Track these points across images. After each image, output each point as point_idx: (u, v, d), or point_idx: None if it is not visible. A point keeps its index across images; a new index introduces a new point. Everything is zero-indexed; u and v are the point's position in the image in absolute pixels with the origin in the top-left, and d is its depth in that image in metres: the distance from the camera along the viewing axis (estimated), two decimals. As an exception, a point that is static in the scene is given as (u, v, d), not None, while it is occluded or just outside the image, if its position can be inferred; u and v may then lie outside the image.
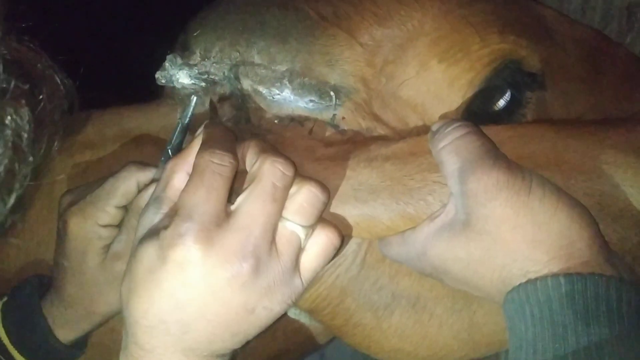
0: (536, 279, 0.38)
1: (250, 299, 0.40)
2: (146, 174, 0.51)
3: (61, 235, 0.53)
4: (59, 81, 0.40)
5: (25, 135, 0.35)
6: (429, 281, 0.48)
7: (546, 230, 0.39)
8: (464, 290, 0.45)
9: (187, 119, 0.49)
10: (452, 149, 0.42)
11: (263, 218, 0.40)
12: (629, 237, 0.45)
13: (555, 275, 0.37)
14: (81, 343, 0.57)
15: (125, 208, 0.53)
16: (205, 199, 0.40)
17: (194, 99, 0.49)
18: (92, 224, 0.51)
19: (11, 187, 0.35)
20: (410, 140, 0.46)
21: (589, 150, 0.44)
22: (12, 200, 0.35)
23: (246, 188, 0.41)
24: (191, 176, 0.41)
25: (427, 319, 0.50)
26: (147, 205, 0.43)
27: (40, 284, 0.57)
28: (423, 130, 0.47)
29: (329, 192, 0.43)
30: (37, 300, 0.54)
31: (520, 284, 0.39)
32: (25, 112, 0.35)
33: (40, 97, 0.37)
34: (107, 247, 0.52)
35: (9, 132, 0.33)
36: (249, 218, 0.40)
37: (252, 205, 0.40)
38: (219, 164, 0.40)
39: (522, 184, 0.39)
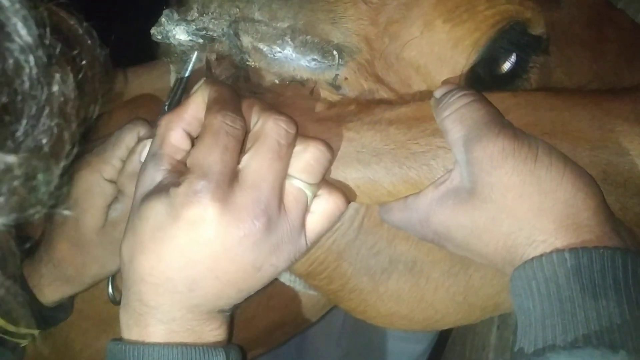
0: (541, 255, 0.37)
1: (260, 256, 0.40)
2: (147, 129, 0.50)
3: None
4: (97, 49, 0.40)
5: (71, 103, 0.34)
6: (426, 245, 0.47)
7: (552, 198, 0.38)
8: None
9: (187, 75, 0.48)
10: (456, 118, 0.41)
11: (271, 176, 0.39)
12: (631, 207, 0.44)
13: (559, 251, 0.37)
14: (66, 306, 0.56)
15: None
16: (220, 159, 0.39)
17: (195, 54, 0.47)
18: (98, 177, 0.50)
19: (60, 155, 0.34)
20: (415, 104, 0.45)
21: (595, 119, 0.43)
22: (61, 169, 0.35)
23: (250, 147, 0.40)
24: (204, 136, 0.40)
25: (424, 282, 0.49)
26: (145, 162, 0.42)
27: (20, 246, 0.55)
28: (427, 95, 0.45)
29: (333, 151, 0.42)
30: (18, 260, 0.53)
31: (526, 262, 0.38)
32: (70, 79, 0.34)
33: (82, 64, 0.37)
34: (108, 208, 0.51)
35: (55, 99, 0.33)
36: (257, 176, 0.39)
37: (259, 164, 0.39)
38: (232, 126, 0.40)
39: (528, 151, 0.39)
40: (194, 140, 0.42)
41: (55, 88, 0.32)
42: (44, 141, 0.32)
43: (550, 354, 0.35)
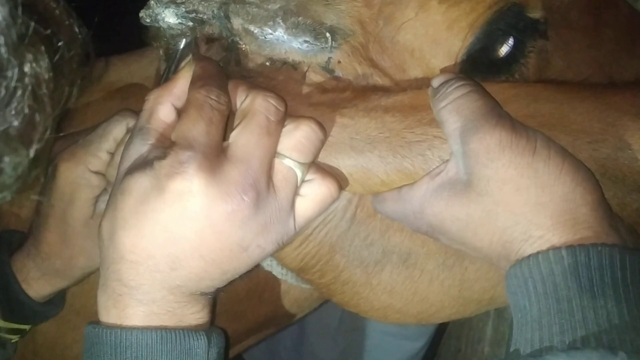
0: (537, 252, 0.36)
1: (247, 235, 0.38)
2: (135, 120, 0.49)
3: (49, 181, 0.50)
4: (76, 29, 0.38)
5: (45, 84, 0.33)
6: (420, 237, 0.46)
7: (550, 193, 0.37)
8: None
9: (175, 65, 0.46)
10: (453, 108, 0.40)
11: (260, 152, 0.38)
12: (629, 202, 0.43)
13: (556, 248, 0.36)
14: (57, 301, 0.55)
15: None
16: (206, 131, 0.38)
17: (184, 41, 0.46)
18: (83, 169, 0.49)
19: (31, 138, 0.33)
20: (412, 92, 0.44)
21: (595, 112, 0.42)
22: (32, 153, 0.33)
23: (238, 124, 0.39)
24: (188, 110, 0.39)
25: (418, 275, 0.48)
26: (132, 136, 0.41)
27: (9, 241, 0.54)
28: (424, 83, 0.44)
29: (325, 131, 0.41)
30: (6, 255, 0.52)
31: (521, 259, 0.37)
32: (44, 59, 0.33)
33: (59, 44, 0.35)
34: (95, 200, 0.50)
35: (28, 80, 0.31)
36: (246, 151, 0.38)
37: (247, 138, 0.38)
38: (216, 101, 0.39)
39: (526, 144, 0.38)
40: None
41: (27, 69, 0.30)
42: (15, 124, 0.30)
43: (548, 356, 0.34)
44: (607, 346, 0.33)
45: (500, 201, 0.38)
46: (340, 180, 0.43)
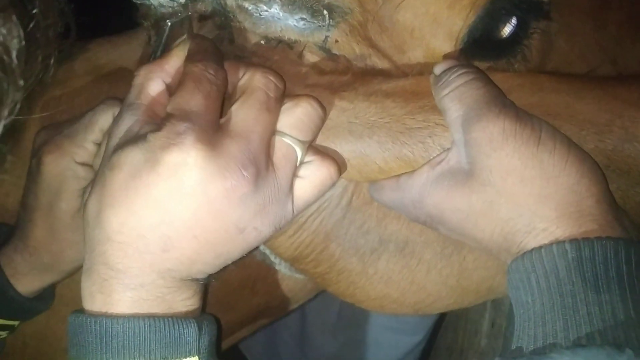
0: (541, 246, 0.35)
1: (244, 215, 0.37)
2: None
3: (34, 173, 0.48)
4: None
5: (15, 53, 0.30)
6: (418, 225, 0.45)
7: (555, 184, 0.36)
8: None
9: (165, 42, 0.45)
10: (455, 96, 0.39)
11: (259, 127, 0.37)
12: (632, 195, 0.43)
13: (560, 242, 0.35)
14: (46, 296, 0.53)
15: None
16: (204, 104, 0.36)
17: (169, 24, 0.44)
18: (69, 161, 0.47)
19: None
20: (414, 78, 0.43)
21: (602, 103, 0.41)
22: (0, 128, 0.31)
23: (237, 99, 0.38)
24: (185, 83, 0.37)
25: (415, 264, 0.47)
26: (121, 112, 0.39)
27: None
28: (427, 68, 0.43)
29: (325, 110, 0.40)
30: None
31: (524, 253, 0.36)
32: (14, 26, 0.30)
33: (34, 12, 0.33)
34: (83, 191, 0.48)
35: None
36: (245, 126, 0.37)
37: (246, 114, 0.37)
38: (214, 76, 0.37)
39: (531, 133, 0.37)
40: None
41: None
42: None
43: (553, 353, 0.33)
44: (613, 343, 0.32)
45: (503, 192, 0.37)
46: (339, 164, 0.42)
